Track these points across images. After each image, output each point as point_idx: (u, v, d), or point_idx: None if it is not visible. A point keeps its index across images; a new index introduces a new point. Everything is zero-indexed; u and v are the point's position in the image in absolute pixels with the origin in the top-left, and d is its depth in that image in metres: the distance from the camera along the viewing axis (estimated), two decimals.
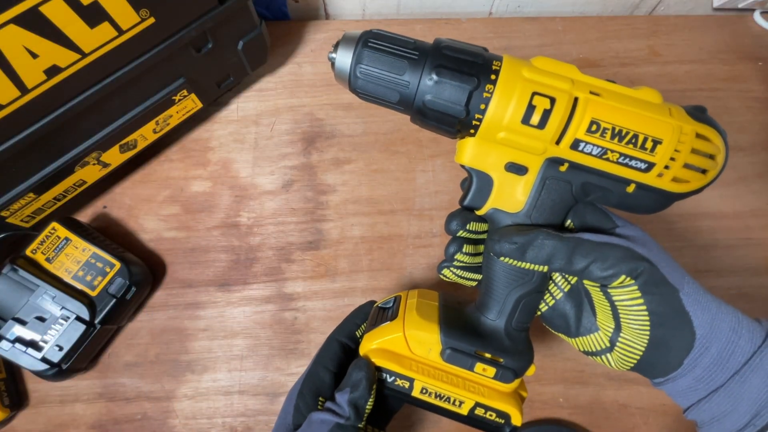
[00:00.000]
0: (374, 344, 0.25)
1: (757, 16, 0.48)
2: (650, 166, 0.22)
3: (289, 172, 0.43)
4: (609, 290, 0.22)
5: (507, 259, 0.23)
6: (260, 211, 0.42)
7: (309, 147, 0.44)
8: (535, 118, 0.22)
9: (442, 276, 0.27)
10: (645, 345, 0.22)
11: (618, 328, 0.23)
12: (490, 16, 0.51)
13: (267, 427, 0.37)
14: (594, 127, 0.22)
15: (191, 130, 0.44)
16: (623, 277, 0.21)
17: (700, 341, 0.21)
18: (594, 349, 0.25)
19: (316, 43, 0.47)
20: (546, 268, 0.23)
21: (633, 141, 0.22)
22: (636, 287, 0.21)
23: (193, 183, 0.43)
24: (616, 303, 0.23)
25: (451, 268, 0.26)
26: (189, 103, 0.39)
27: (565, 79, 0.22)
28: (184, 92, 0.37)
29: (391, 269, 0.40)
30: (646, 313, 0.22)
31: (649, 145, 0.22)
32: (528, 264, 0.23)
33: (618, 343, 0.23)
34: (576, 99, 0.22)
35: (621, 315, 0.23)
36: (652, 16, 0.50)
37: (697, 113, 0.23)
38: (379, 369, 0.25)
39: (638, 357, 0.23)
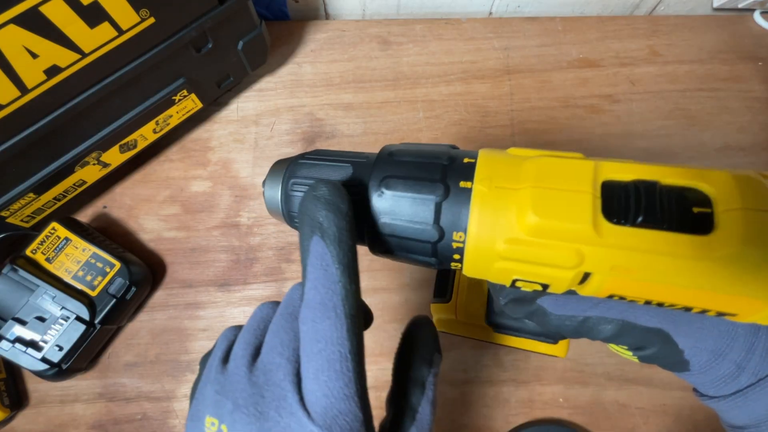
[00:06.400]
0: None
1: (757, 16, 0.48)
2: None
3: None
4: None
5: None
6: (260, 211, 0.42)
7: (309, 147, 0.44)
8: None
9: None
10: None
11: None
12: (490, 16, 0.51)
13: None
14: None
15: (191, 130, 0.44)
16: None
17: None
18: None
19: (316, 43, 0.47)
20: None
21: None
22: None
23: (193, 183, 0.43)
24: None
25: None
26: (189, 103, 0.39)
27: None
28: (184, 92, 0.37)
29: (391, 269, 0.40)
30: None
31: None
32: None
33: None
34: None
35: None
36: (652, 16, 0.50)
37: None
38: None
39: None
